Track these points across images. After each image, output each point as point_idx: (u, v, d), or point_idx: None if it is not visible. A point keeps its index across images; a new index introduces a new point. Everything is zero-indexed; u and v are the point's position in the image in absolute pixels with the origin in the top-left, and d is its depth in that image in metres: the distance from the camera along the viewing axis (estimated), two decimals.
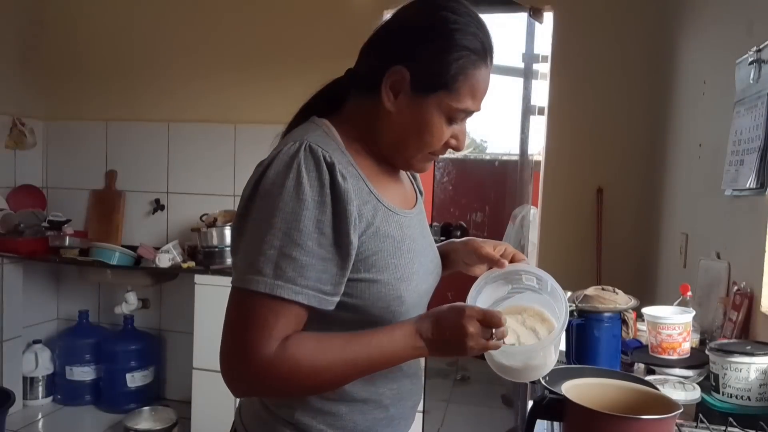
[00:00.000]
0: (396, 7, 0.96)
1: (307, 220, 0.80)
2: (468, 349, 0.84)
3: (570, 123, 2.97)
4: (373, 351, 0.85)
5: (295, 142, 0.85)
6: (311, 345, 0.83)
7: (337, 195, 0.83)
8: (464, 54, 0.88)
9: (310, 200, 0.81)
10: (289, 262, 0.80)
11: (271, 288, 0.79)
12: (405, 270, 0.91)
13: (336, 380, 0.86)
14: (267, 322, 0.80)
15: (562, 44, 2.96)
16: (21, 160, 3.45)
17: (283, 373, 0.81)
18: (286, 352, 0.81)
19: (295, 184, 0.81)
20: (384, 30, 0.95)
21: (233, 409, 1.03)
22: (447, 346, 0.86)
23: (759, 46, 1.53)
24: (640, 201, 2.88)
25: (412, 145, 0.92)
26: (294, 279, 0.80)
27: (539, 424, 0.97)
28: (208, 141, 3.36)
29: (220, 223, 3.03)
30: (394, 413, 0.97)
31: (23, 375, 3.28)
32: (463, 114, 0.91)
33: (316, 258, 0.81)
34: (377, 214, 0.89)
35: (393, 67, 0.89)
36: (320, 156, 0.83)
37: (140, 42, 3.45)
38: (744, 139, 1.59)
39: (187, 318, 2.94)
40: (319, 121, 0.95)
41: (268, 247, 0.80)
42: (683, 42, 2.48)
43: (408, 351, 0.86)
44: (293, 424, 0.91)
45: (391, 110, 0.90)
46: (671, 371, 1.36)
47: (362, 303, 0.88)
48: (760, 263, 1.49)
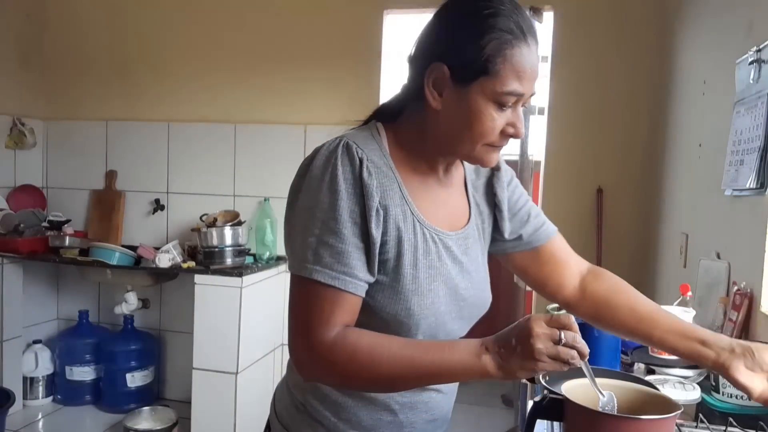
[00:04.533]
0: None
1: (342, 210, 0.85)
2: (536, 353, 0.78)
3: (570, 123, 2.97)
4: (434, 355, 0.84)
5: (336, 140, 0.90)
6: (370, 337, 0.86)
7: (363, 189, 0.86)
8: (497, 35, 0.85)
9: (344, 192, 0.86)
10: (326, 248, 0.85)
11: (310, 273, 0.85)
12: (422, 284, 0.91)
13: (394, 377, 0.85)
14: (315, 307, 0.85)
15: (562, 44, 2.95)
16: (21, 160, 3.46)
17: (341, 358, 0.84)
18: (345, 339, 0.84)
19: (331, 177, 0.86)
20: (422, 33, 0.94)
21: (233, 409, 1.06)
22: (512, 354, 0.80)
23: (759, 46, 1.53)
24: (640, 201, 2.88)
25: (465, 139, 0.90)
26: (331, 265, 0.85)
27: (539, 424, 0.97)
28: (208, 141, 3.36)
29: (220, 223, 3.03)
30: (404, 420, 0.98)
31: (23, 375, 3.28)
32: (512, 98, 0.87)
33: (351, 246, 0.86)
34: (406, 220, 0.91)
35: (431, 65, 0.89)
36: (354, 152, 0.88)
37: (140, 42, 3.45)
38: (744, 139, 1.59)
39: (187, 318, 2.94)
40: (374, 124, 0.97)
41: (310, 235, 0.86)
42: (683, 42, 2.48)
43: (470, 359, 0.82)
44: (305, 405, 0.98)
45: (438, 108, 0.90)
46: (671, 371, 1.36)
47: (373, 303, 0.90)
48: (760, 263, 1.48)
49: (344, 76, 3.11)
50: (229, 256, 2.91)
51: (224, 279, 2.80)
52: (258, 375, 2.97)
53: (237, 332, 2.79)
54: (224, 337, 2.79)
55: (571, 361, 0.79)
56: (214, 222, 3.04)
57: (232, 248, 2.92)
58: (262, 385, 2.96)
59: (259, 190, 3.29)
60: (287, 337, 0.90)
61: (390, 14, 3.12)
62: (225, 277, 2.81)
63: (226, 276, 2.81)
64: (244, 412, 2.78)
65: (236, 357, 2.78)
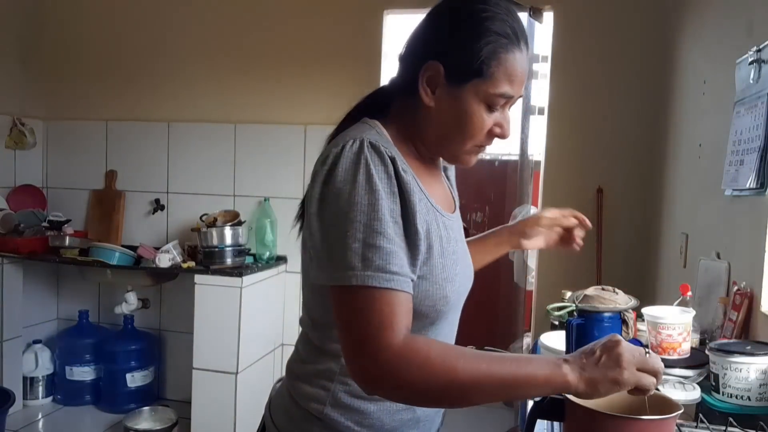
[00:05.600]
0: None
1: (384, 209, 0.82)
2: (624, 361, 0.77)
3: (570, 123, 2.97)
4: (512, 365, 0.79)
5: (355, 140, 0.86)
6: (441, 344, 0.83)
7: (402, 186, 0.85)
8: (493, 39, 0.88)
9: (382, 191, 0.83)
10: (375, 251, 0.81)
11: (363, 279, 0.80)
12: (450, 271, 0.92)
13: (469, 386, 0.78)
14: (375, 313, 0.79)
15: (562, 44, 2.95)
16: (21, 160, 3.45)
17: (414, 363, 0.77)
18: (416, 343, 0.79)
19: (365, 177, 0.83)
20: (416, 31, 0.96)
21: (233, 409, 1.04)
22: (597, 363, 0.78)
23: (759, 46, 1.53)
24: (640, 201, 2.88)
25: (456, 137, 0.93)
26: (383, 267, 0.81)
27: (539, 424, 0.97)
28: (208, 141, 3.36)
29: (220, 223, 3.03)
30: (420, 414, 0.98)
31: (23, 375, 3.28)
32: (502, 100, 0.91)
33: (397, 245, 0.83)
34: (429, 212, 0.92)
35: (427, 62, 0.90)
36: (383, 151, 0.85)
37: (140, 42, 3.45)
38: (744, 139, 1.59)
39: (187, 318, 2.94)
40: (371, 121, 0.96)
41: (353, 240, 0.81)
42: (683, 42, 2.48)
43: (550, 369, 0.78)
44: (321, 419, 0.92)
45: (431, 105, 0.92)
46: (671, 371, 1.36)
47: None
48: (760, 263, 1.48)
49: (344, 77, 3.11)
50: (229, 256, 2.91)
51: (224, 279, 2.80)
52: (258, 375, 2.97)
53: (237, 332, 2.79)
54: (224, 337, 2.79)
55: (659, 374, 0.79)
56: (214, 222, 3.04)
57: (232, 248, 2.92)
58: (262, 385, 2.96)
59: (259, 190, 3.29)
60: (345, 355, 0.82)
61: (390, 14, 3.12)
62: (225, 277, 2.81)
63: (226, 276, 2.81)
64: (244, 412, 2.78)
65: (236, 357, 2.78)
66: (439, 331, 0.97)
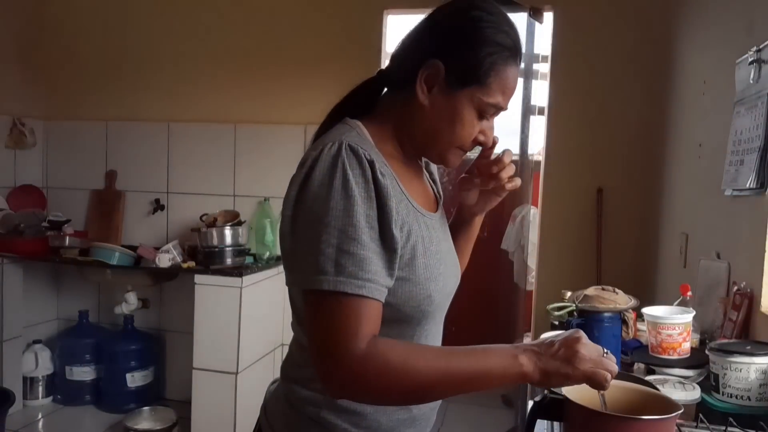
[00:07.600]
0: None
1: (359, 215, 0.82)
2: (579, 357, 0.81)
3: (570, 123, 2.97)
4: (470, 360, 0.82)
5: (334, 143, 0.86)
6: (402, 347, 0.84)
7: (379, 191, 0.85)
8: (497, 50, 0.90)
9: (358, 196, 0.82)
10: (348, 257, 0.81)
11: (334, 285, 0.80)
12: (434, 270, 0.92)
13: (429, 386, 0.82)
14: (342, 319, 0.80)
15: (562, 44, 2.95)
16: (21, 160, 3.46)
17: (373, 370, 0.80)
18: (376, 349, 0.80)
19: (342, 182, 0.82)
20: (418, 29, 0.97)
21: (233, 409, 1.04)
22: (553, 355, 0.82)
23: (759, 46, 1.53)
24: (640, 201, 2.88)
25: (444, 138, 0.94)
26: (355, 273, 0.81)
27: (539, 424, 0.97)
28: (208, 141, 3.36)
29: (220, 223, 3.03)
30: (416, 414, 0.98)
31: (23, 375, 3.28)
32: (492, 109, 0.94)
33: (371, 251, 0.83)
34: (409, 213, 0.91)
35: (428, 60, 0.91)
36: (361, 154, 0.85)
37: (140, 42, 3.45)
38: (744, 139, 1.59)
39: (187, 318, 2.94)
40: (351, 122, 0.96)
41: (326, 245, 0.81)
42: (683, 42, 2.48)
43: (507, 361, 0.82)
44: (318, 422, 0.93)
45: (425, 103, 0.93)
46: (671, 371, 1.36)
47: (394, 301, 0.89)
48: (760, 263, 1.49)
49: (344, 77, 3.06)
50: (229, 256, 2.91)
51: (224, 279, 2.80)
52: (258, 375, 2.97)
53: (237, 332, 2.79)
54: (224, 337, 2.79)
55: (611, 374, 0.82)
56: (214, 222, 3.04)
57: (232, 248, 2.92)
58: (262, 385, 2.94)
59: (259, 190, 3.29)
60: (311, 359, 0.83)
61: (390, 14, 3.12)
62: (225, 277, 2.81)
63: (226, 276, 2.81)
64: (244, 412, 2.77)
65: (236, 357, 2.78)
66: (427, 332, 0.96)
